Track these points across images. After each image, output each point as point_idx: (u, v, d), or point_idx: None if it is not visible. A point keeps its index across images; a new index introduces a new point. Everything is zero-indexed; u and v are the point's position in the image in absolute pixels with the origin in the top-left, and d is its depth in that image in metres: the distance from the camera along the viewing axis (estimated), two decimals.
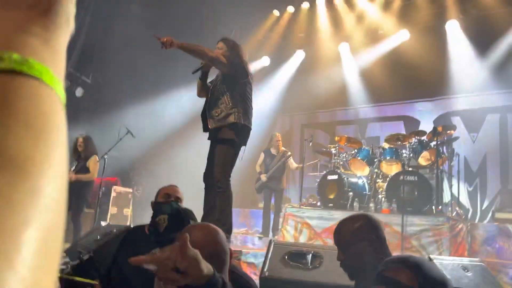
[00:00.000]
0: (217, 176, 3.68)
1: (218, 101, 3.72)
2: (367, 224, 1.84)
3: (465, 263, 2.91)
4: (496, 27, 7.75)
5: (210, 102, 3.77)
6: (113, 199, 8.26)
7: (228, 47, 3.83)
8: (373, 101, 9.31)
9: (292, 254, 2.83)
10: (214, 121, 3.70)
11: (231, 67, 3.71)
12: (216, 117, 3.70)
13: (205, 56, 3.63)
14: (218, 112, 3.69)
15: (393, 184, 5.83)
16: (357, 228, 1.82)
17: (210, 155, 3.89)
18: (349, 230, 1.83)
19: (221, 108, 3.69)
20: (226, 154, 3.70)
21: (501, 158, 7.75)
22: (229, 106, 3.69)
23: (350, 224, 1.86)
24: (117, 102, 8.34)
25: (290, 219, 6.38)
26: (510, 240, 5.48)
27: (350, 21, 8.93)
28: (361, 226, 1.82)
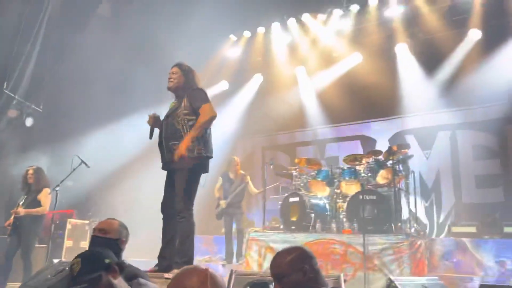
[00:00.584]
0: (179, 206, 3.58)
1: (177, 133, 3.62)
2: (300, 255, 1.95)
3: (424, 283, 2.95)
4: (442, 49, 8.18)
5: (168, 133, 3.65)
6: (69, 232, 7.89)
7: (182, 73, 3.78)
8: (331, 122, 9.51)
9: (254, 284, 2.77)
10: (172, 153, 3.59)
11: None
12: (174, 150, 3.57)
13: (207, 125, 3.63)
14: (177, 146, 3.58)
15: (353, 204, 5.92)
16: (291, 260, 1.93)
17: (168, 184, 3.78)
18: (284, 262, 1.93)
19: (179, 140, 3.58)
20: (188, 183, 3.62)
21: (453, 173, 8.06)
22: (185, 134, 3.61)
23: (285, 256, 1.96)
24: (70, 131, 8.05)
25: (253, 244, 6.31)
26: (467, 254, 5.65)
27: (305, 45, 9.16)
28: (295, 257, 1.93)
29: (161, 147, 3.75)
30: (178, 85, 3.78)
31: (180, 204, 3.58)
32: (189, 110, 3.66)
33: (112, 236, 2.69)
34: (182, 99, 3.73)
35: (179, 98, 3.78)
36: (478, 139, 7.94)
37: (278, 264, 1.94)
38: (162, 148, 3.73)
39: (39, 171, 5.85)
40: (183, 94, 3.77)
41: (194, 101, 3.67)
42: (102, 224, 2.74)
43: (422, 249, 5.66)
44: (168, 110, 3.82)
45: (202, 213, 8.79)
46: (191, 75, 3.82)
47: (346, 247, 5.52)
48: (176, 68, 3.81)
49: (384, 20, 8.45)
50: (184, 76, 3.78)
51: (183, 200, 3.58)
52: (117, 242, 2.70)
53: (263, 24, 9.18)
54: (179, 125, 3.63)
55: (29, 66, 7.43)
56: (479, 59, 7.84)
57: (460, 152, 8.07)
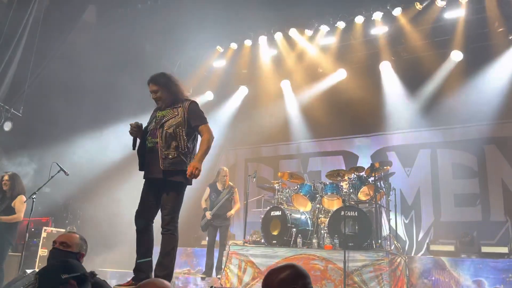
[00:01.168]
0: (166, 218, 3.52)
1: (173, 144, 3.54)
2: (293, 274, 1.92)
3: None
4: (425, 68, 8.35)
5: (164, 142, 3.54)
6: (44, 241, 7.69)
7: (162, 87, 3.67)
8: (314, 136, 9.57)
9: None
10: (167, 163, 3.51)
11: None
12: (170, 158, 3.51)
13: (210, 147, 3.62)
14: (173, 155, 3.52)
15: (335, 220, 5.93)
16: (283, 278, 1.90)
17: (149, 194, 3.66)
18: (276, 280, 1.91)
19: (177, 150, 3.53)
20: (176, 197, 3.56)
21: (433, 191, 8.18)
22: (185, 150, 3.57)
23: (277, 274, 1.94)
24: (51, 137, 7.88)
25: (233, 258, 6.24)
26: (445, 272, 5.70)
27: (291, 59, 9.22)
28: (287, 276, 1.91)
29: (150, 155, 3.62)
30: (166, 101, 3.71)
31: (168, 217, 3.50)
32: (187, 125, 3.61)
33: (72, 250, 2.69)
34: (174, 109, 3.66)
35: (170, 108, 3.69)
36: (458, 158, 8.09)
37: (269, 282, 1.92)
38: (151, 156, 3.60)
39: (14, 177, 5.69)
40: (172, 105, 3.71)
41: (194, 120, 3.64)
42: (63, 238, 2.72)
43: (402, 266, 5.69)
44: (157, 118, 3.69)
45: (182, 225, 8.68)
46: (173, 85, 3.72)
47: (326, 263, 5.51)
48: (154, 86, 3.69)
49: (369, 38, 8.59)
50: (165, 89, 3.68)
51: (171, 213, 3.51)
52: (77, 256, 2.71)
53: (250, 36, 9.21)
54: (177, 138, 3.55)
55: (10, 70, 7.26)
56: (461, 79, 8.04)
57: (440, 170, 8.20)
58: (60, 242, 2.66)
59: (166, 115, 3.66)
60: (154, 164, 3.55)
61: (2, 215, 5.46)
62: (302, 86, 9.53)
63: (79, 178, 7.87)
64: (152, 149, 3.59)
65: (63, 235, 2.77)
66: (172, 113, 3.65)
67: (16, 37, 7.29)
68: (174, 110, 3.66)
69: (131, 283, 3.47)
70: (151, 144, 3.61)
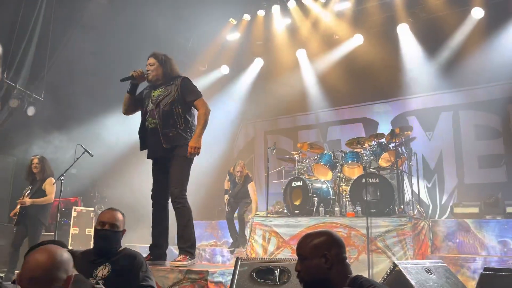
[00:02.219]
0: (174, 192, 3.61)
1: (172, 122, 3.63)
2: (327, 241, 1.90)
3: (428, 266, 2.98)
4: (443, 29, 8.09)
5: (163, 121, 3.62)
6: (74, 220, 8.00)
7: (159, 62, 3.75)
8: (332, 105, 9.49)
9: (260, 271, 2.80)
10: (168, 140, 3.61)
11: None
12: (170, 136, 3.62)
13: (207, 120, 3.68)
14: (173, 133, 3.63)
15: (356, 187, 5.94)
16: (316, 244, 1.89)
17: (159, 172, 3.77)
18: (309, 244, 1.90)
19: (175, 128, 3.64)
20: (182, 170, 3.66)
21: (456, 154, 8.07)
22: (183, 125, 3.67)
23: (311, 239, 1.92)
24: (73, 119, 8.05)
25: (257, 229, 6.36)
26: (469, 234, 5.69)
27: (306, 28, 9.05)
28: (321, 242, 1.89)
29: (152, 136, 3.69)
30: (157, 76, 3.76)
31: (176, 190, 3.60)
32: (182, 102, 3.69)
33: (119, 229, 2.81)
34: (168, 87, 3.72)
35: (163, 87, 3.75)
36: (480, 119, 7.92)
37: (303, 245, 1.92)
38: (153, 137, 3.67)
39: (43, 160, 5.87)
40: (165, 83, 3.76)
41: (188, 95, 3.71)
42: (112, 218, 2.79)
43: (425, 230, 5.70)
44: (153, 98, 3.74)
45: (205, 199, 8.88)
46: (169, 64, 3.79)
47: (349, 230, 5.57)
48: (152, 59, 3.79)
49: (385, 0, 8.33)
50: (161, 66, 3.75)
51: (179, 187, 3.61)
52: (122, 234, 2.84)
53: (262, 6, 9.06)
54: (174, 115, 3.64)
55: (29, 55, 7.37)
56: (482, 38, 7.77)
57: (463, 132, 8.06)
58: (110, 224, 2.74)
59: (160, 94, 3.72)
60: (157, 143, 3.64)
61: (34, 198, 5.67)
62: (318, 54, 9.38)
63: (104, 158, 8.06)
64: (154, 130, 3.67)
65: (109, 214, 2.82)
66: (166, 91, 3.71)
67: (32, 22, 7.36)
68: (168, 87, 3.73)
69: (149, 259, 3.61)
70: (152, 125, 3.69)
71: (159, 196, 3.76)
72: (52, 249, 1.74)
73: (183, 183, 3.65)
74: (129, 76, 3.70)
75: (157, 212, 3.78)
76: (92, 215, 8.20)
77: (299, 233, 5.95)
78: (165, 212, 3.77)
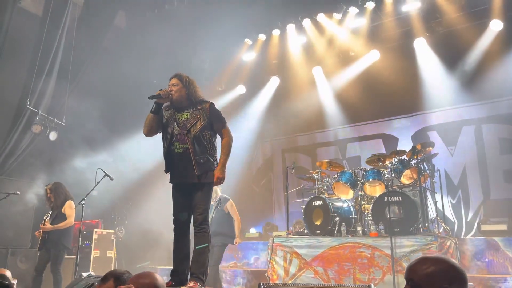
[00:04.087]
0: (199, 218, 3.60)
1: (204, 149, 3.63)
2: (449, 273, 1.65)
3: None
4: (462, 41, 7.97)
5: (196, 148, 3.61)
6: (95, 242, 8.03)
7: (183, 84, 3.74)
8: (351, 121, 9.40)
9: None
10: (200, 167, 3.60)
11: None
12: (202, 163, 3.61)
13: (231, 147, 3.72)
14: (204, 159, 3.62)
15: (379, 206, 5.82)
16: (435, 273, 1.65)
17: (182, 198, 3.73)
18: (426, 271, 1.66)
19: (205, 154, 3.64)
20: (208, 197, 3.69)
21: (480, 168, 7.85)
22: (210, 151, 3.69)
23: (429, 264, 1.68)
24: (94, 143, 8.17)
25: (278, 249, 6.27)
26: (499, 253, 5.49)
27: (321, 45, 9.06)
28: (441, 272, 1.65)
29: (180, 161, 3.65)
30: (180, 97, 3.73)
31: (201, 216, 3.60)
32: (210, 128, 3.71)
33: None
34: (195, 112, 3.70)
35: (190, 110, 3.73)
36: (504, 132, 7.71)
37: (418, 270, 1.68)
38: (182, 162, 3.63)
39: (56, 187, 5.96)
40: (191, 106, 3.75)
41: (216, 122, 3.73)
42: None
43: (452, 250, 5.52)
44: (180, 122, 3.69)
45: None
46: (192, 86, 3.77)
47: (373, 250, 5.43)
48: (176, 80, 3.77)
49: (400, 15, 8.29)
50: (185, 87, 3.73)
51: (204, 213, 3.62)
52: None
53: (277, 26, 9.11)
54: (204, 141, 3.65)
55: (51, 81, 7.57)
56: (502, 50, 7.64)
57: (486, 146, 7.86)
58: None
59: (189, 119, 3.68)
60: (187, 169, 3.60)
61: (55, 223, 5.73)
62: (334, 71, 9.36)
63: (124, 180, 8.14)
64: (183, 155, 3.63)
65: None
66: (195, 116, 3.68)
67: (54, 49, 7.57)
68: (196, 112, 3.70)
69: (170, 284, 3.57)
70: (181, 150, 3.64)
71: (182, 221, 3.73)
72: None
73: (207, 210, 3.66)
74: (156, 95, 3.66)
75: (179, 237, 3.74)
76: (113, 237, 8.23)
77: (321, 254, 5.84)
78: (187, 237, 3.74)
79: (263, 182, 10.55)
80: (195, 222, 3.64)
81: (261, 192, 10.44)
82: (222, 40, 9.36)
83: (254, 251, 7.48)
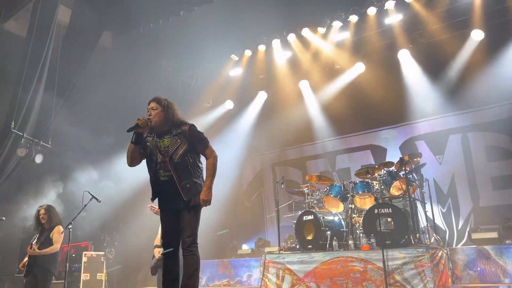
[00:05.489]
0: (187, 241, 3.55)
1: (189, 173, 3.60)
2: None
3: None
4: (445, 52, 8.12)
5: (180, 174, 3.56)
6: (85, 265, 7.88)
7: (162, 108, 3.66)
8: (339, 133, 9.44)
9: None
10: (188, 193, 3.56)
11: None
12: (188, 187, 3.57)
13: (216, 167, 3.67)
14: (190, 183, 3.58)
15: (369, 219, 5.81)
16: None
17: (171, 220, 3.67)
18: None
19: (190, 178, 3.60)
20: (197, 219, 3.63)
21: (468, 177, 7.91)
22: (195, 174, 3.64)
23: None
24: (81, 164, 8.07)
25: (271, 266, 6.21)
26: (490, 262, 5.49)
27: (307, 59, 9.14)
28: None
29: (167, 187, 3.61)
30: (160, 121, 3.66)
31: (190, 239, 3.55)
32: (192, 151, 3.66)
33: None
34: (176, 137, 3.64)
35: (170, 136, 3.67)
36: (490, 139, 7.80)
37: None
38: (169, 188, 3.59)
39: (50, 209, 5.83)
40: (171, 131, 3.68)
41: (198, 144, 3.69)
42: None
43: (444, 260, 5.52)
44: (161, 148, 3.64)
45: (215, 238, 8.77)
46: (171, 109, 3.70)
47: (365, 264, 5.40)
48: (155, 103, 3.69)
49: (384, 28, 8.42)
50: (164, 111, 3.66)
51: (193, 235, 3.57)
52: None
53: (263, 41, 9.19)
54: (188, 165, 3.61)
55: (36, 103, 7.48)
56: (485, 58, 7.78)
57: (474, 154, 7.93)
58: None
59: (169, 145, 3.63)
60: (175, 195, 3.57)
61: (42, 247, 5.60)
62: (321, 84, 9.44)
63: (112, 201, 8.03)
64: (169, 182, 3.59)
65: None
66: (175, 141, 3.63)
67: (38, 70, 7.51)
68: (176, 138, 3.64)
69: None
70: (166, 178, 3.60)
71: (170, 244, 3.67)
72: None
73: (196, 232, 3.61)
74: (135, 126, 3.58)
75: (168, 260, 3.69)
76: (103, 259, 8.08)
77: (313, 269, 5.79)
78: (177, 260, 3.68)
79: (254, 197, 10.50)
80: (183, 244, 3.58)
81: (253, 207, 10.39)
82: (208, 57, 9.41)
83: (247, 268, 7.40)
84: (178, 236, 3.64)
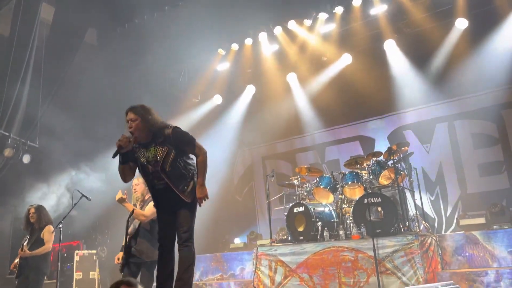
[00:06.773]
0: (183, 236, 3.60)
1: (179, 178, 3.60)
2: None
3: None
4: (430, 41, 8.18)
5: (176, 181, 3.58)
6: (77, 264, 7.87)
7: (141, 117, 3.57)
8: (327, 125, 9.48)
9: None
10: (188, 195, 3.61)
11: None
12: (186, 189, 3.61)
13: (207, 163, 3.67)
14: (187, 185, 3.62)
15: (359, 208, 5.87)
16: None
17: (167, 216, 3.71)
18: None
19: (186, 179, 3.63)
20: (193, 214, 3.68)
21: (455, 164, 8.01)
22: (189, 174, 3.66)
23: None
24: (70, 163, 8.02)
25: (263, 259, 6.26)
26: (478, 247, 5.59)
27: (294, 52, 9.13)
28: None
29: (166, 195, 3.63)
30: (141, 132, 3.59)
31: (186, 234, 3.60)
32: (180, 153, 3.64)
33: None
34: (161, 145, 3.59)
35: (155, 145, 3.61)
36: (476, 127, 7.91)
37: None
38: (168, 195, 3.61)
39: (40, 209, 5.81)
40: (155, 139, 3.62)
41: (185, 147, 3.66)
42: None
43: (433, 247, 5.60)
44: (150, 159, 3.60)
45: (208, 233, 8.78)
46: (149, 115, 3.61)
47: (356, 253, 5.47)
48: (132, 114, 3.60)
49: (369, 18, 8.44)
50: (144, 120, 3.57)
51: (189, 231, 3.63)
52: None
53: (249, 35, 9.16)
54: (180, 169, 3.61)
55: (22, 103, 7.41)
56: (469, 47, 7.85)
57: (460, 142, 8.04)
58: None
59: (157, 154, 3.59)
60: (175, 200, 3.61)
61: (33, 248, 5.57)
62: (308, 77, 9.45)
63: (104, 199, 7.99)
64: (166, 189, 3.62)
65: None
66: (161, 150, 3.58)
67: (22, 70, 7.42)
68: (161, 145, 3.59)
69: None
70: (162, 186, 3.64)
71: (166, 238, 3.70)
72: None
73: (192, 227, 3.66)
74: (118, 149, 3.50)
75: (163, 254, 3.71)
76: (95, 258, 8.06)
77: (305, 260, 5.85)
78: (172, 255, 3.71)
79: (245, 190, 10.53)
80: (179, 239, 3.63)
81: (244, 201, 10.42)
82: (195, 52, 9.34)
83: (239, 261, 7.43)
84: (174, 231, 3.67)
